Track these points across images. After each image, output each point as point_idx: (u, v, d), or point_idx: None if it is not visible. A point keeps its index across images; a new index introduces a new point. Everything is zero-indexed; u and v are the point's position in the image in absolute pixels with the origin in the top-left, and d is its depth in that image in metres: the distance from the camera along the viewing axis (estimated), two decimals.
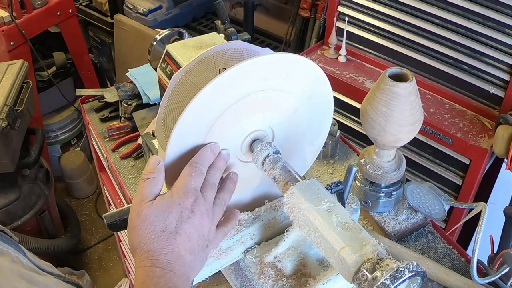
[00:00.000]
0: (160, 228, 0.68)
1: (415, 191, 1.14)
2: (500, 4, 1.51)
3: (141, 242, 0.68)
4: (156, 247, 0.67)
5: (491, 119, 1.66)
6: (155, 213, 0.69)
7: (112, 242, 2.76)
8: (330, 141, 1.34)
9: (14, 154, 1.97)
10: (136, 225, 0.69)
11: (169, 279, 0.65)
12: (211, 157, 0.76)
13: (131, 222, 0.70)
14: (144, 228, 0.68)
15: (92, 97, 1.63)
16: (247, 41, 1.37)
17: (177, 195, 0.70)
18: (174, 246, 0.68)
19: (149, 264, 0.66)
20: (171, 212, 0.69)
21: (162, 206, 0.69)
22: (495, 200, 1.76)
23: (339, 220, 0.72)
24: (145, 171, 0.72)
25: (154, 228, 0.68)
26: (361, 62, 1.96)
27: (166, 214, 0.69)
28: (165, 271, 0.65)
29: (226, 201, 0.77)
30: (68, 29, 2.62)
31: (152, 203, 0.70)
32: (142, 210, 0.69)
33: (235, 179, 0.80)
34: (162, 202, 0.70)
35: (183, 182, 0.71)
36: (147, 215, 0.69)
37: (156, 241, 0.67)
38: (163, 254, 0.67)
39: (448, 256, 1.13)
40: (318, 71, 0.83)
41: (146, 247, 0.67)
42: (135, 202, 0.71)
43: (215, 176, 0.76)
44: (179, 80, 0.88)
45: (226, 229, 0.79)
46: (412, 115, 1.01)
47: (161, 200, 0.70)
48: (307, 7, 2.31)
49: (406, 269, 0.63)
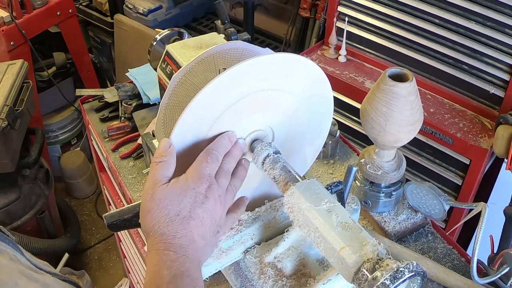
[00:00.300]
0: (174, 211, 0.68)
1: (415, 191, 1.14)
2: (500, 4, 1.51)
3: (155, 226, 0.68)
4: (170, 230, 0.67)
5: (491, 119, 1.66)
6: (170, 197, 0.69)
7: (112, 242, 2.76)
8: (330, 141, 1.34)
9: (14, 154, 1.97)
10: (150, 209, 0.69)
11: (182, 263, 0.65)
12: (228, 145, 0.76)
13: (144, 206, 0.70)
14: (158, 212, 0.68)
15: (92, 97, 1.63)
16: (247, 41, 1.37)
17: (191, 179, 0.70)
18: (187, 230, 0.68)
19: (162, 248, 0.66)
20: (185, 196, 0.69)
21: (177, 190, 0.69)
22: (495, 200, 1.76)
23: (339, 220, 0.72)
24: (157, 154, 0.72)
25: (168, 211, 0.68)
26: (361, 62, 1.96)
27: (181, 198, 0.69)
28: (178, 255, 0.66)
29: (237, 188, 0.78)
30: (68, 29, 2.62)
31: (166, 186, 0.70)
32: (156, 193, 0.69)
33: (247, 166, 0.81)
34: (177, 185, 0.70)
35: (199, 168, 0.72)
36: (161, 198, 0.69)
37: (170, 224, 0.67)
38: (177, 238, 0.67)
39: (448, 256, 1.13)
40: (318, 71, 0.83)
41: (160, 231, 0.67)
42: (147, 186, 0.71)
43: (230, 164, 0.76)
44: (179, 80, 0.88)
45: (236, 215, 0.80)
46: (412, 115, 1.01)
47: (175, 183, 0.70)
48: (307, 7, 2.31)
49: (406, 269, 0.63)
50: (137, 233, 1.45)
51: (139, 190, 1.32)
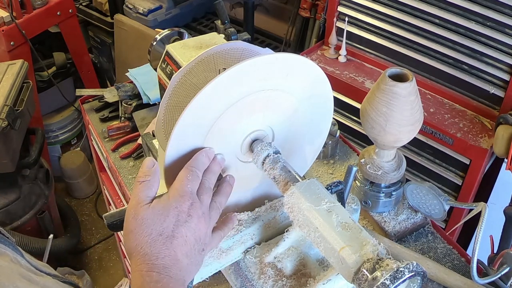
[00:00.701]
0: (157, 231, 0.67)
1: (415, 191, 1.14)
2: (500, 4, 1.51)
3: (138, 246, 0.67)
4: (153, 251, 0.66)
5: (491, 119, 1.66)
6: (152, 216, 0.68)
7: (112, 242, 2.76)
8: (330, 141, 1.34)
9: (14, 154, 1.97)
10: (133, 229, 0.68)
11: (166, 284, 0.64)
12: (206, 161, 0.76)
13: (127, 225, 0.69)
14: (141, 232, 0.67)
15: (92, 97, 1.63)
16: (247, 41, 1.37)
17: (173, 198, 0.70)
18: (171, 250, 0.67)
19: (145, 269, 0.65)
20: (168, 216, 0.68)
21: (159, 209, 0.69)
22: (495, 200, 1.76)
23: (339, 220, 0.72)
24: (140, 173, 0.71)
25: (151, 231, 0.67)
26: (361, 62, 1.96)
27: (163, 217, 0.68)
28: (162, 275, 0.65)
29: (222, 205, 0.77)
30: (68, 29, 2.62)
31: (148, 206, 0.69)
32: (138, 213, 0.68)
33: (232, 182, 0.80)
34: (159, 205, 0.69)
35: (180, 185, 0.71)
36: (144, 218, 0.68)
37: (153, 245, 0.67)
38: (159, 258, 0.66)
39: (448, 256, 1.13)
40: (318, 71, 0.83)
41: (143, 251, 0.66)
42: (131, 205, 0.70)
43: (210, 180, 0.75)
44: (179, 80, 0.88)
45: (223, 232, 0.79)
46: (412, 115, 1.01)
47: (158, 203, 0.69)
48: (307, 7, 2.31)
49: (406, 269, 0.63)
50: None
51: None
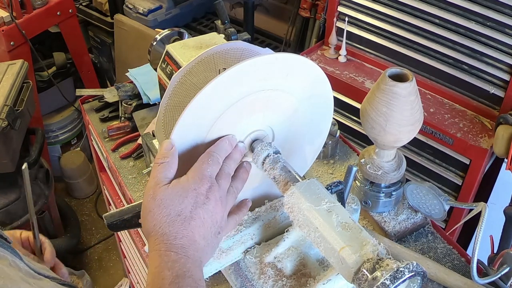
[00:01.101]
0: (175, 212, 0.68)
1: (415, 191, 1.14)
2: (500, 4, 1.51)
3: (156, 226, 0.68)
4: (171, 231, 0.67)
5: (491, 119, 1.66)
6: (171, 197, 0.69)
7: (112, 242, 2.76)
8: (330, 141, 1.34)
9: (14, 154, 1.97)
10: (151, 209, 0.69)
11: (183, 264, 0.66)
12: (228, 148, 0.77)
13: (146, 206, 0.70)
14: (159, 212, 0.68)
15: (92, 97, 1.63)
16: (247, 41, 1.37)
17: (193, 180, 0.71)
18: (188, 230, 0.68)
19: (164, 248, 0.66)
20: (187, 197, 0.69)
21: (178, 191, 0.69)
22: (495, 200, 1.76)
23: (339, 220, 0.72)
24: (159, 155, 0.72)
25: (169, 212, 0.68)
26: (361, 62, 1.96)
27: (182, 198, 0.69)
28: (179, 255, 0.66)
29: (239, 190, 0.78)
30: (68, 29, 2.62)
31: (167, 186, 0.70)
32: (157, 193, 0.69)
33: (248, 168, 0.81)
34: (178, 186, 0.70)
35: (200, 169, 0.72)
36: (162, 198, 0.69)
37: (171, 225, 0.68)
38: (177, 239, 0.67)
39: (448, 256, 1.13)
40: (318, 71, 0.83)
41: (161, 231, 0.67)
42: (149, 186, 0.71)
43: (230, 167, 0.77)
44: (179, 80, 0.88)
45: (238, 217, 0.80)
46: (412, 115, 1.01)
47: (177, 184, 0.70)
48: (307, 7, 2.31)
49: (406, 269, 0.63)
50: (137, 233, 1.45)
51: (139, 190, 1.32)
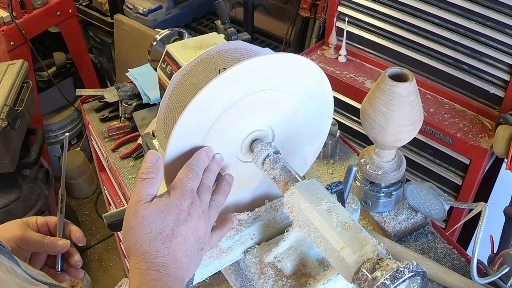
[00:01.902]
0: (157, 230, 0.67)
1: (415, 191, 1.14)
2: (500, 4, 1.51)
3: (137, 244, 0.67)
4: (152, 249, 0.66)
5: (491, 119, 1.66)
6: (153, 215, 0.68)
7: (112, 242, 2.76)
8: (330, 141, 1.34)
9: (14, 154, 1.97)
10: (133, 226, 0.68)
11: (165, 282, 0.65)
12: (206, 160, 0.76)
13: (127, 223, 0.69)
14: (141, 230, 0.67)
15: (92, 97, 1.63)
16: (247, 41, 1.37)
17: (174, 196, 0.70)
18: (170, 248, 0.67)
19: (144, 267, 0.65)
20: (168, 214, 0.68)
21: (160, 208, 0.69)
22: (495, 200, 1.76)
23: (339, 220, 0.72)
24: (143, 169, 0.71)
25: (151, 229, 0.67)
26: (361, 62, 1.96)
27: (164, 215, 0.68)
28: (161, 274, 0.65)
29: (221, 204, 0.78)
30: (68, 29, 2.62)
31: (149, 204, 0.69)
32: (139, 211, 0.68)
33: (230, 181, 0.81)
34: (160, 204, 0.69)
35: (181, 184, 0.71)
36: (144, 216, 0.68)
37: (152, 243, 0.67)
38: (158, 257, 0.66)
39: (448, 256, 1.13)
40: (318, 71, 0.83)
41: (142, 249, 0.66)
42: (131, 202, 0.70)
43: (210, 179, 0.76)
44: (179, 80, 0.88)
45: (222, 232, 0.80)
46: (412, 115, 1.01)
47: (158, 201, 0.69)
48: (307, 7, 2.31)
49: (406, 269, 0.63)
50: None
51: None
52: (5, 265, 0.63)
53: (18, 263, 0.67)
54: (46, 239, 0.84)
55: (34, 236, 0.84)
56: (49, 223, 0.91)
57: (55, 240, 0.87)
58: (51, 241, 0.85)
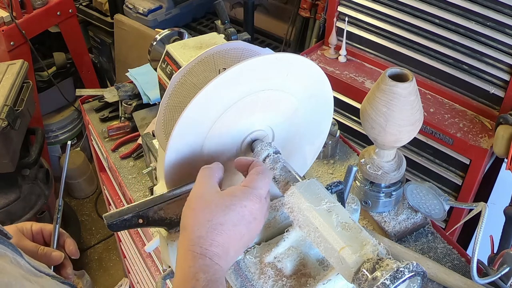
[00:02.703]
0: (218, 220, 0.67)
1: (415, 191, 1.14)
2: (500, 4, 1.51)
3: (195, 226, 0.67)
4: (209, 236, 0.66)
5: (491, 119, 1.66)
6: (219, 204, 0.68)
7: (112, 242, 2.76)
8: (330, 141, 1.34)
9: (14, 154, 1.97)
10: (195, 207, 0.68)
11: (215, 272, 0.65)
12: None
13: (191, 201, 0.69)
14: (203, 215, 0.67)
15: (92, 97, 1.63)
16: (247, 41, 1.37)
17: (245, 196, 0.69)
18: (225, 241, 0.67)
19: (199, 251, 0.66)
20: (234, 210, 0.68)
21: (227, 202, 0.68)
22: (495, 200, 1.76)
23: (339, 220, 0.72)
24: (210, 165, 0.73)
25: (212, 218, 0.67)
26: (361, 62, 1.96)
27: (228, 210, 0.68)
28: (213, 262, 0.66)
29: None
30: (68, 29, 2.62)
31: (218, 191, 0.70)
32: (206, 194, 0.69)
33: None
34: (229, 196, 0.69)
35: (255, 186, 0.71)
36: (210, 201, 0.68)
37: (210, 231, 0.67)
38: (213, 246, 0.66)
39: (448, 256, 1.13)
40: (318, 71, 0.83)
41: (199, 233, 0.67)
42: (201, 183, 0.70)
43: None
44: (179, 80, 0.88)
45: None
46: (412, 115, 1.01)
47: (229, 194, 0.69)
48: (307, 7, 2.31)
49: (406, 269, 0.63)
50: (137, 233, 1.45)
51: (139, 190, 1.32)
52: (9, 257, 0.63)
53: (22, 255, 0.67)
54: (41, 250, 0.84)
55: (28, 246, 0.84)
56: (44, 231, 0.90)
57: (50, 252, 0.87)
58: (45, 252, 0.85)
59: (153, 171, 1.22)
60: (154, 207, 0.79)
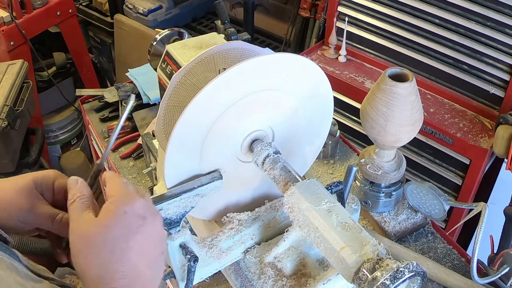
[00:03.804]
0: (107, 249, 0.57)
1: (415, 191, 1.14)
2: (500, 4, 1.51)
3: (89, 269, 0.57)
4: (108, 272, 0.56)
5: (491, 119, 1.66)
6: (98, 232, 0.57)
7: None
8: (330, 141, 1.34)
9: (14, 154, 1.97)
10: (80, 248, 0.58)
11: None
12: None
13: (74, 246, 0.58)
14: (90, 252, 0.57)
15: (92, 97, 1.63)
16: (247, 41, 1.37)
17: (119, 202, 0.59)
18: (129, 265, 0.57)
19: None
20: (117, 225, 0.57)
21: (106, 220, 0.58)
22: (495, 200, 1.76)
23: (339, 220, 0.72)
24: (70, 195, 0.63)
25: (100, 250, 0.57)
26: (361, 62, 1.96)
27: (111, 229, 0.57)
28: None
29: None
30: (68, 29, 2.62)
31: (93, 220, 0.58)
32: (82, 229, 0.58)
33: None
34: (105, 216, 0.58)
35: (122, 188, 0.61)
36: (89, 236, 0.58)
37: (106, 265, 0.56)
38: (117, 280, 0.56)
39: (448, 256, 1.13)
40: (318, 71, 0.83)
41: (97, 274, 0.57)
42: (75, 224, 0.59)
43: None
44: (179, 80, 0.88)
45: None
46: (412, 115, 1.01)
47: (104, 214, 0.58)
48: (307, 7, 2.31)
49: (406, 269, 0.63)
50: None
51: None
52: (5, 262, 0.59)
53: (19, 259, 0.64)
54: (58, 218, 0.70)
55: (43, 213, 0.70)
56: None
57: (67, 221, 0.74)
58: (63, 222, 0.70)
59: (153, 171, 1.22)
60: None
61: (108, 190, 0.62)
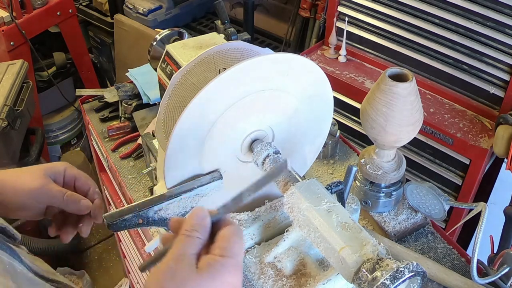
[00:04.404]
0: None
1: (415, 191, 1.14)
2: (500, 4, 1.51)
3: None
4: None
5: (491, 119, 1.66)
6: (190, 280, 0.56)
7: (112, 242, 2.76)
8: (330, 141, 1.34)
9: (14, 154, 1.97)
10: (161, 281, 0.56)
11: None
12: None
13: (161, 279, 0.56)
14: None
15: (92, 97, 1.63)
16: (247, 41, 1.37)
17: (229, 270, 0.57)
18: None
19: None
20: (211, 284, 0.56)
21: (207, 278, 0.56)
22: (495, 200, 1.76)
23: (339, 220, 0.72)
24: (188, 224, 0.59)
25: None
26: (361, 62, 1.96)
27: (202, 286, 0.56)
28: None
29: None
30: (68, 29, 2.62)
31: (194, 268, 0.57)
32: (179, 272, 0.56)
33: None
34: (208, 273, 0.56)
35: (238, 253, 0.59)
36: (184, 280, 0.56)
37: None
38: None
39: (448, 256, 1.13)
40: (318, 71, 0.83)
41: None
42: (172, 257, 0.57)
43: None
44: (179, 80, 0.88)
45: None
46: (412, 115, 1.01)
47: (207, 269, 0.56)
48: (307, 7, 2.31)
49: (406, 269, 0.63)
50: (137, 233, 1.45)
51: (139, 190, 1.32)
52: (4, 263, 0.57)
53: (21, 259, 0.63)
54: (67, 195, 0.73)
55: (53, 190, 0.74)
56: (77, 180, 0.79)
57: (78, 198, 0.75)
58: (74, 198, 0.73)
59: (153, 171, 1.22)
60: (154, 207, 0.79)
61: (226, 243, 0.59)
